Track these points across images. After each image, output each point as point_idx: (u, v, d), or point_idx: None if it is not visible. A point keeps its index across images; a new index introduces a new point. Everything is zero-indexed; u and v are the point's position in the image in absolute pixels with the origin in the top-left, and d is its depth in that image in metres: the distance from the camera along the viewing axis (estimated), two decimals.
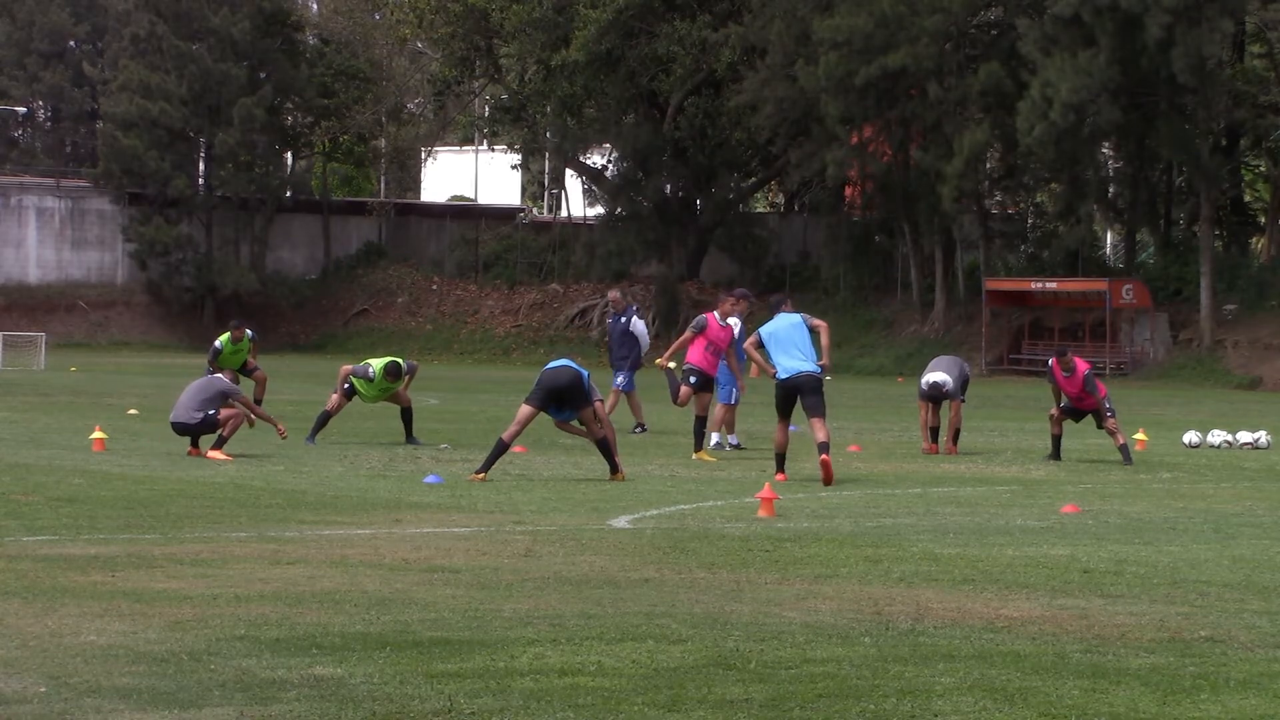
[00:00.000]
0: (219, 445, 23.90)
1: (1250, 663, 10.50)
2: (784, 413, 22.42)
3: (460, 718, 8.88)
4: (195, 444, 24.24)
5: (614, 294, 33.65)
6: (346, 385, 26.98)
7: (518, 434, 21.92)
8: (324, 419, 26.94)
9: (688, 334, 26.40)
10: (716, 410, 27.56)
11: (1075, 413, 26.37)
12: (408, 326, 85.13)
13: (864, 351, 70.74)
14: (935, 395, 27.36)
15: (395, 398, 27.23)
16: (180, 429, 24.38)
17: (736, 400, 27.66)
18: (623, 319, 31.34)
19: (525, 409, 21.84)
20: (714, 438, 27.47)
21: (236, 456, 23.93)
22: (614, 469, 21.62)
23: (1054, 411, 26.42)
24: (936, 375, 27.46)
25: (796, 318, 22.65)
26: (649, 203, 79.70)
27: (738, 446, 27.49)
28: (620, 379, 30.99)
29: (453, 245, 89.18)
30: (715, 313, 26.59)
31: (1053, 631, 11.42)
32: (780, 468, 22.36)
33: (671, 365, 26.90)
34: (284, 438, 24.95)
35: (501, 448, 21.52)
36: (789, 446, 22.71)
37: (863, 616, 11.89)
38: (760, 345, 22.60)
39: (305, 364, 67.59)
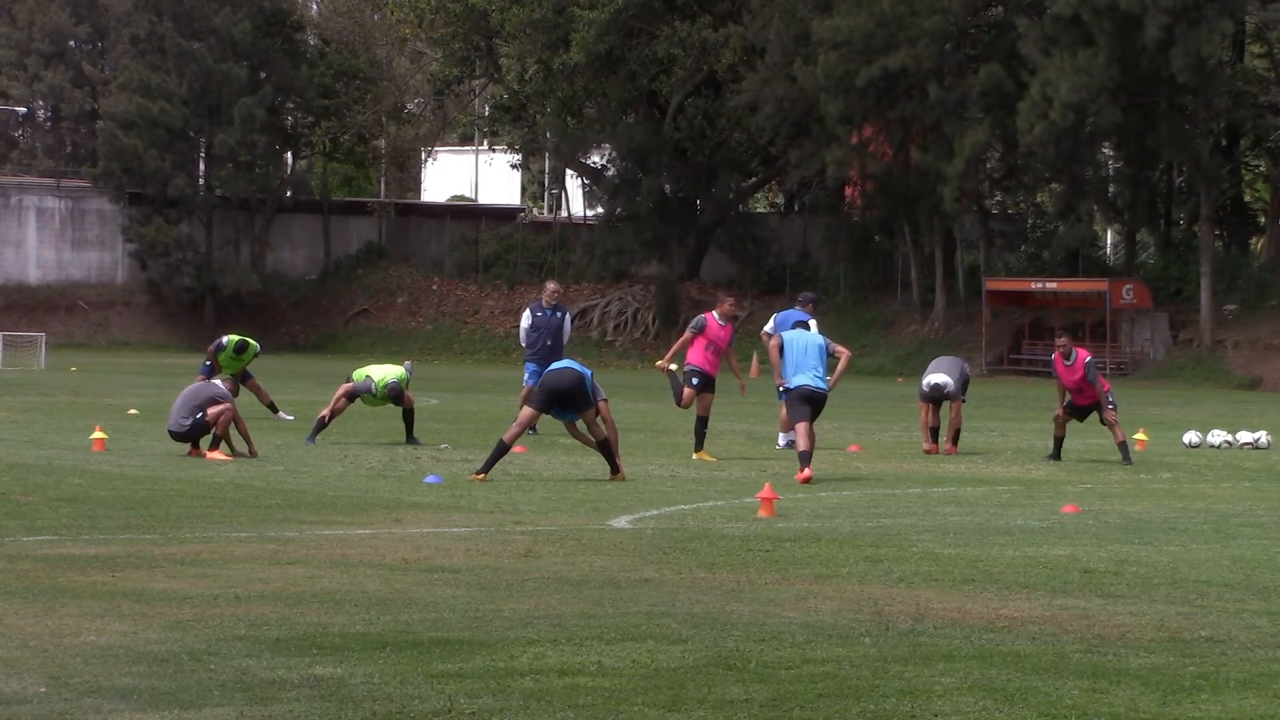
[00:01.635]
0: (216, 444, 23.90)
1: (1250, 663, 10.50)
2: (802, 416, 22.39)
3: (460, 718, 8.88)
4: (195, 444, 24.25)
5: (555, 285, 31.65)
6: (348, 384, 27.04)
7: (518, 435, 21.96)
8: (322, 423, 26.92)
9: (687, 334, 26.39)
10: (782, 411, 27.48)
11: (1079, 411, 26.30)
12: (408, 326, 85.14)
13: (864, 351, 70.69)
14: (936, 396, 27.37)
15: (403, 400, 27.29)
16: (174, 437, 24.43)
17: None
18: (557, 313, 29.81)
19: (526, 411, 21.92)
20: (782, 439, 27.55)
21: (238, 457, 23.93)
22: (614, 469, 21.64)
23: (1058, 413, 26.36)
24: (937, 377, 27.46)
25: (820, 339, 22.82)
26: (649, 203, 79.69)
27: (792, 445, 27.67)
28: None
29: (453, 245, 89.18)
30: (714, 312, 26.59)
31: (1053, 631, 11.42)
32: (806, 464, 22.12)
33: (673, 367, 26.87)
34: (254, 456, 24.14)
35: (502, 449, 21.54)
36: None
37: (863, 616, 11.89)
38: (780, 349, 22.66)
39: (305, 364, 67.58)
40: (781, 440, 27.73)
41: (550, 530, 16.54)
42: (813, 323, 27.49)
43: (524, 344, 30.04)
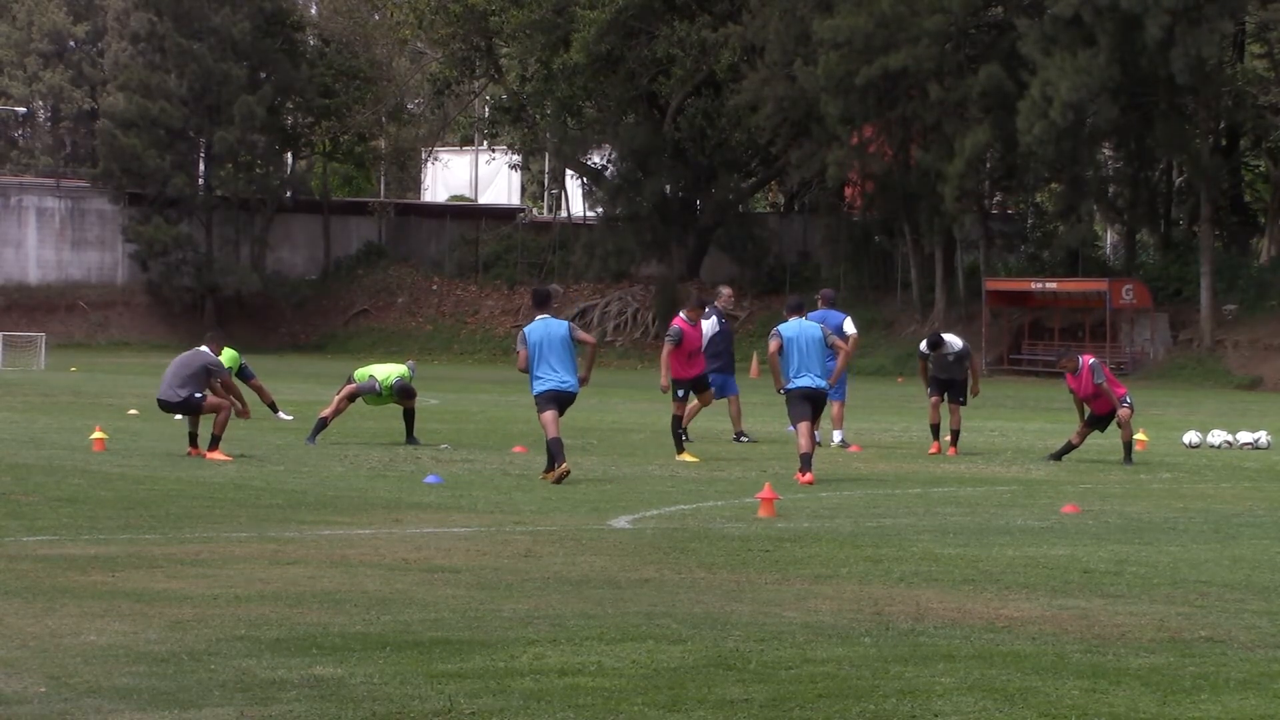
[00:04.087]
0: (215, 446, 23.88)
1: (1250, 663, 10.50)
2: (803, 416, 22.37)
3: (460, 718, 8.88)
4: (194, 443, 24.24)
5: (729, 291, 30.22)
6: (351, 384, 27.06)
7: (556, 431, 21.61)
8: (323, 423, 26.91)
9: (668, 346, 26.44)
10: (834, 409, 28.03)
11: (1100, 421, 26.15)
12: (408, 326, 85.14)
13: (864, 351, 70.54)
14: (935, 342, 27.58)
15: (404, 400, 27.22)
16: (163, 406, 24.41)
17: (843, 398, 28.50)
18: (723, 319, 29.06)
19: (548, 413, 21.58)
20: (836, 435, 28.22)
21: (238, 457, 23.94)
22: (550, 468, 21.39)
23: (1081, 428, 26.19)
24: (948, 336, 27.90)
25: (818, 331, 22.71)
26: (649, 203, 79.70)
27: (843, 444, 28.26)
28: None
29: (453, 245, 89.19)
30: (682, 314, 26.75)
31: (1053, 631, 11.42)
32: (807, 468, 22.07)
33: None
34: (246, 418, 25.24)
35: (555, 444, 21.34)
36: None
37: (863, 616, 11.89)
38: (780, 351, 22.52)
39: (305, 364, 67.58)
40: (836, 436, 28.24)
41: (550, 530, 16.54)
42: (849, 321, 27.91)
43: (706, 350, 28.16)
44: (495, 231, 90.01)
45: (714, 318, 28.65)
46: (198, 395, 24.00)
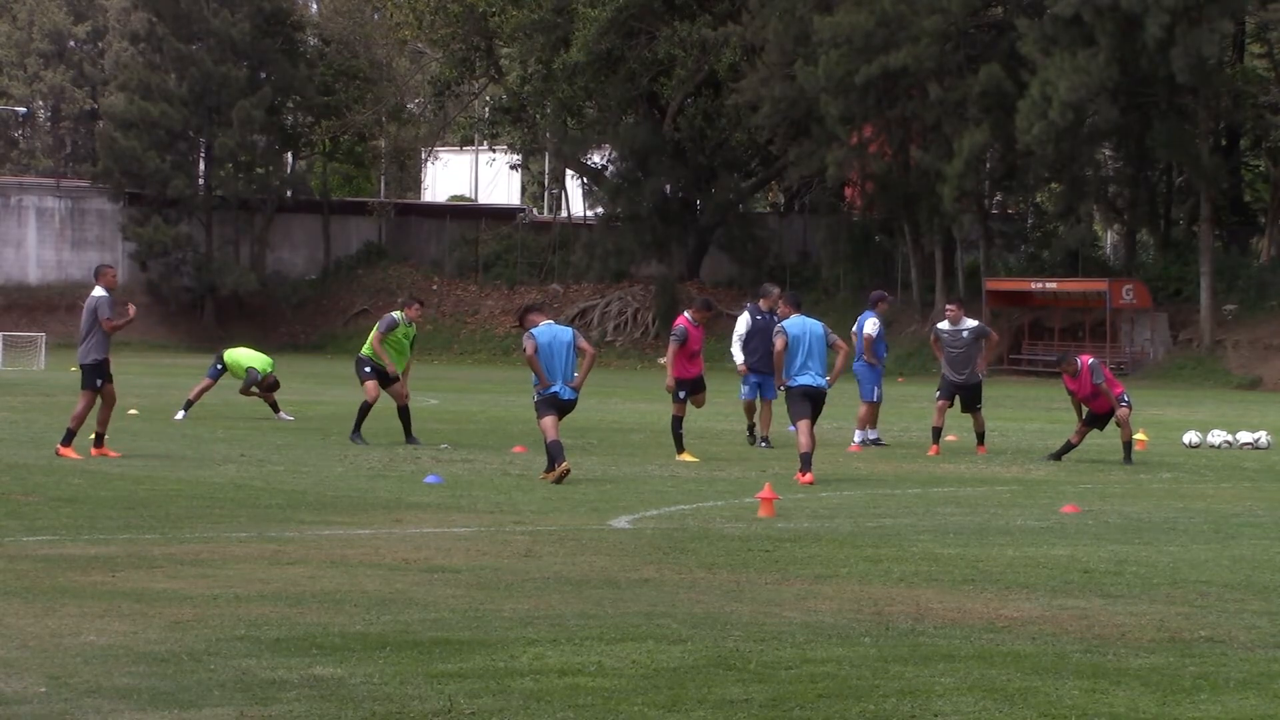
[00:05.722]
0: (99, 444, 23.85)
1: (1250, 663, 10.50)
2: (803, 414, 22.41)
3: (460, 718, 8.88)
4: (99, 443, 23.99)
5: (778, 290, 29.11)
6: (369, 369, 27.11)
7: (556, 436, 21.63)
8: (365, 410, 26.95)
9: (673, 346, 26.46)
10: (861, 409, 28.80)
11: (1099, 419, 26.16)
12: None
13: None
14: (955, 300, 28.03)
15: (394, 394, 27.11)
16: (84, 368, 24.11)
17: (879, 398, 29.11)
18: (774, 317, 27.62)
19: (549, 419, 21.59)
20: (857, 435, 28.64)
21: (241, 457, 23.96)
22: (550, 468, 21.40)
23: (1080, 429, 26.20)
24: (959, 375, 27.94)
25: (820, 330, 22.75)
26: (649, 203, 79.68)
27: (877, 442, 28.65)
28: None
29: (453, 245, 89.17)
30: (687, 314, 26.75)
31: (1053, 631, 11.42)
32: (807, 468, 22.08)
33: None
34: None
35: (556, 446, 21.34)
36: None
37: (863, 616, 11.89)
38: (785, 348, 22.53)
39: (305, 364, 67.58)
40: (858, 436, 28.53)
41: (550, 530, 16.54)
42: (874, 320, 28.53)
43: (741, 351, 28.05)
44: (495, 231, 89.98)
45: (745, 314, 28.60)
46: (101, 359, 23.90)
